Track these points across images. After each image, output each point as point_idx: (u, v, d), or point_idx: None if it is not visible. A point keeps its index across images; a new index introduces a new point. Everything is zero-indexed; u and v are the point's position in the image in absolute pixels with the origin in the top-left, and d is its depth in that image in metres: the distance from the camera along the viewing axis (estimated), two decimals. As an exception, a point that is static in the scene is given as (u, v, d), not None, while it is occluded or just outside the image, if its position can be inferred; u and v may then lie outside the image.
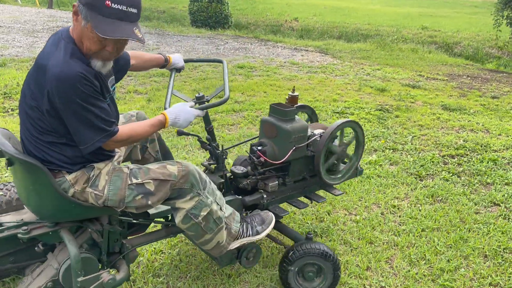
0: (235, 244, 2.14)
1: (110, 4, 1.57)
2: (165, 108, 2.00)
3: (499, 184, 3.79)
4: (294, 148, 2.37)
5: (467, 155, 4.43)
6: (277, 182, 2.44)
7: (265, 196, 2.41)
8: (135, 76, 7.04)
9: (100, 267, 1.98)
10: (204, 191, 1.95)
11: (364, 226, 3.10)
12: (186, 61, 2.56)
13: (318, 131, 2.57)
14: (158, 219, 2.28)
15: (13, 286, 2.28)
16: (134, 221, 2.08)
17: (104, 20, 1.58)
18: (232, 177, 2.46)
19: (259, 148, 2.40)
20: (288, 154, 2.36)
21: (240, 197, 2.36)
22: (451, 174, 3.95)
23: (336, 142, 2.54)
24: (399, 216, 3.25)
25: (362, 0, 31.75)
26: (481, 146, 4.65)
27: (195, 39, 10.99)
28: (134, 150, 2.31)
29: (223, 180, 2.36)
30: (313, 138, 2.48)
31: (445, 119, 5.59)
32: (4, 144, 1.70)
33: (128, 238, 2.14)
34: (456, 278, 2.60)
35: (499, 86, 7.79)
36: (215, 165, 2.38)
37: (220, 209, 2.04)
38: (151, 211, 2.20)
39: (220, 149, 2.36)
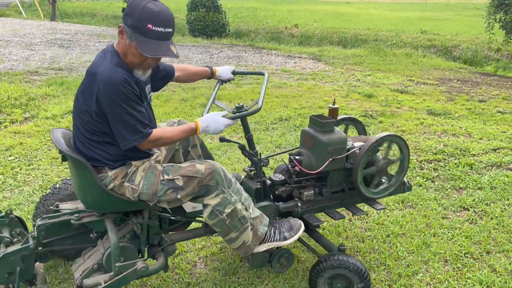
0: (262, 247, 2.27)
1: (151, 27, 1.85)
2: (202, 115, 2.20)
3: (472, 189, 3.81)
4: (331, 159, 2.42)
5: (444, 159, 4.45)
6: (312, 191, 2.50)
7: (299, 204, 2.48)
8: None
9: (140, 256, 2.23)
10: (229, 190, 2.13)
11: (330, 232, 3.14)
12: (234, 73, 2.72)
13: (358, 144, 2.58)
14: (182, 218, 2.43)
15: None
16: (172, 217, 2.32)
17: (146, 40, 1.86)
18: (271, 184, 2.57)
19: (296, 157, 2.51)
20: (324, 165, 2.41)
21: (275, 203, 2.47)
22: (425, 179, 3.98)
23: (379, 155, 2.55)
24: (366, 222, 3.29)
25: (364, 5, 31.78)
26: (460, 150, 4.67)
27: (190, 49, 11.13)
28: (176, 154, 2.50)
29: (259, 186, 2.46)
30: (352, 150, 2.50)
31: (428, 124, 5.61)
32: (60, 143, 2.02)
33: (169, 233, 2.38)
34: (413, 283, 2.64)
35: (488, 90, 7.77)
36: (255, 171, 2.50)
37: (246, 209, 2.19)
38: (188, 209, 2.39)
39: (259, 157, 2.46)
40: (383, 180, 2.62)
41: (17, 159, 4.13)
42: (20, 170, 3.92)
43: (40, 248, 2.17)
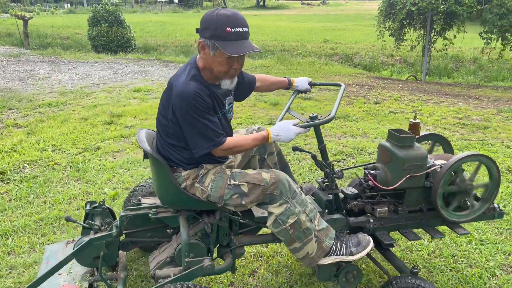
0: (327, 260, 2.23)
1: (230, 30, 1.95)
2: (275, 124, 2.24)
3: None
4: (408, 176, 2.29)
5: (343, 159, 4.70)
6: (386, 208, 2.39)
7: (371, 220, 2.38)
8: (17, 108, 6.63)
9: (209, 255, 2.32)
10: (293, 200, 2.14)
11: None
12: (311, 84, 2.72)
13: (440, 162, 2.41)
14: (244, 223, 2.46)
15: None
16: (241, 220, 2.36)
17: (230, 43, 1.95)
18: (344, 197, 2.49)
19: (371, 172, 2.40)
20: (400, 182, 2.30)
21: (346, 217, 2.39)
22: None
23: (464, 175, 2.37)
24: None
25: (271, 17, 32.95)
26: (357, 150, 4.96)
27: (92, 65, 10.64)
28: (252, 160, 2.56)
29: (330, 198, 2.40)
30: (432, 168, 2.35)
31: (328, 127, 5.90)
32: (142, 141, 2.20)
33: (239, 236, 2.41)
34: (313, 281, 2.71)
35: (382, 92, 8.42)
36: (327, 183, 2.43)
37: (310, 221, 2.18)
38: (257, 214, 2.39)
39: (331, 168, 2.38)
40: (474, 203, 2.45)
41: None
42: None
43: (122, 237, 2.39)
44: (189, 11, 40.25)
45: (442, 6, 9.47)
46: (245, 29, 2.00)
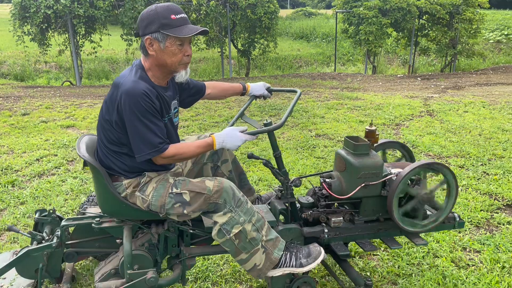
0: (276, 272, 2.16)
1: (175, 17, 2.01)
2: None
3: (14, 206, 3.63)
4: (363, 184, 2.25)
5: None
6: (341, 218, 2.32)
7: (326, 230, 2.30)
8: None
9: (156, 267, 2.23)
10: (237, 209, 2.07)
11: None
12: (269, 90, 2.63)
13: (396, 170, 2.33)
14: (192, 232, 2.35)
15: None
16: (191, 230, 2.25)
17: (178, 28, 2.00)
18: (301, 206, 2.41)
19: (326, 180, 2.34)
20: (355, 191, 2.25)
21: (301, 227, 2.31)
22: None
23: (423, 184, 2.35)
24: None
25: None
26: (2, 170, 4.38)
27: None
28: (205, 167, 2.49)
29: (285, 207, 2.33)
30: (388, 177, 2.29)
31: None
32: (80, 148, 2.11)
33: (191, 247, 2.31)
34: None
35: (31, 102, 7.81)
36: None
37: (257, 231, 2.10)
38: (208, 224, 2.20)
39: (287, 176, 2.32)
40: (432, 213, 2.41)
41: None
42: None
43: (65, 247, 2.28)
44: None
45: (80, 10, 9.51)
46: (185, 15, 2.04)
